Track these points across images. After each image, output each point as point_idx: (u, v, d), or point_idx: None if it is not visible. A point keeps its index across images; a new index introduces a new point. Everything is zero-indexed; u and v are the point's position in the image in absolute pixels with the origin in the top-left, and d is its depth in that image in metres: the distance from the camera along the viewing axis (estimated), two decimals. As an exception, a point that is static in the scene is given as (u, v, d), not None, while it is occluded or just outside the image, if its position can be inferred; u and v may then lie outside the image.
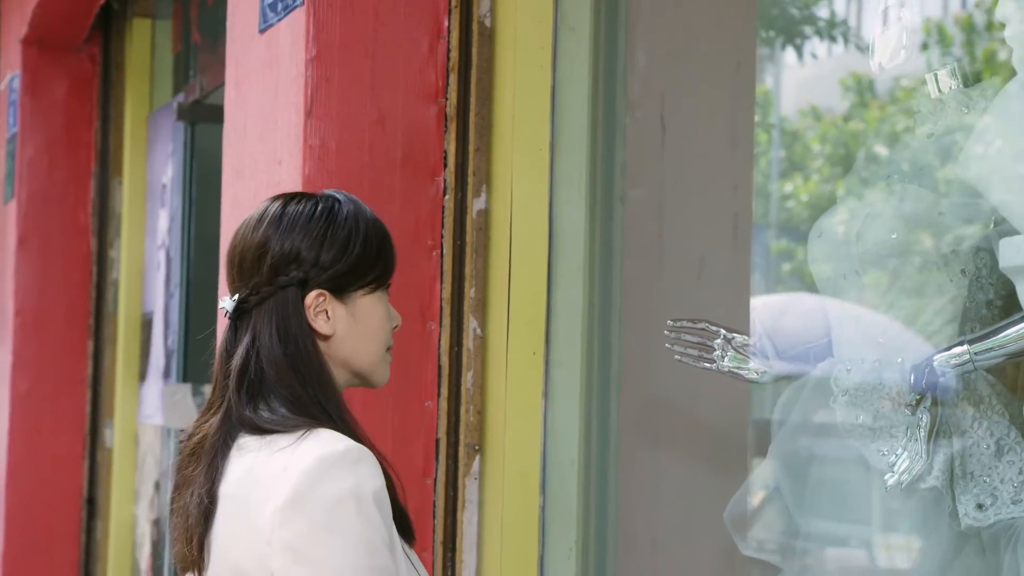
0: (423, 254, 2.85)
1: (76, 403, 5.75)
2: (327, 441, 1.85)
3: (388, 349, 2.01)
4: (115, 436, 5.72)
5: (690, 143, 2.90)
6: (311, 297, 1.94)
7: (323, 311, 1.95)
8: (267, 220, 1.97)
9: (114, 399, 5.72)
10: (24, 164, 5.65)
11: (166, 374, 5.34)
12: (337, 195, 1.99)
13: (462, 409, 2.84)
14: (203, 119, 5.16)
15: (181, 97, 5.22)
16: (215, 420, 1.92)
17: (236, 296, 1.97)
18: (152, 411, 5.47)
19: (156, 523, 5.39)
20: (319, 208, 1.96)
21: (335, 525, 1.79)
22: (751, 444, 2.88)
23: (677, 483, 2.88)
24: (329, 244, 1.94)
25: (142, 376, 5.63)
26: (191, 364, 5.27)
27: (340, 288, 1.95)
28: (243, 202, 3.10)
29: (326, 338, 1.95)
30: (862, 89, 12.77)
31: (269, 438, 1.87)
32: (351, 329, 1.95)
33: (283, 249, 1.94)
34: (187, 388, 5.06)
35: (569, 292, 2.78)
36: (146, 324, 5.61)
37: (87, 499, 5.78)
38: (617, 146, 2.82)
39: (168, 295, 5.35)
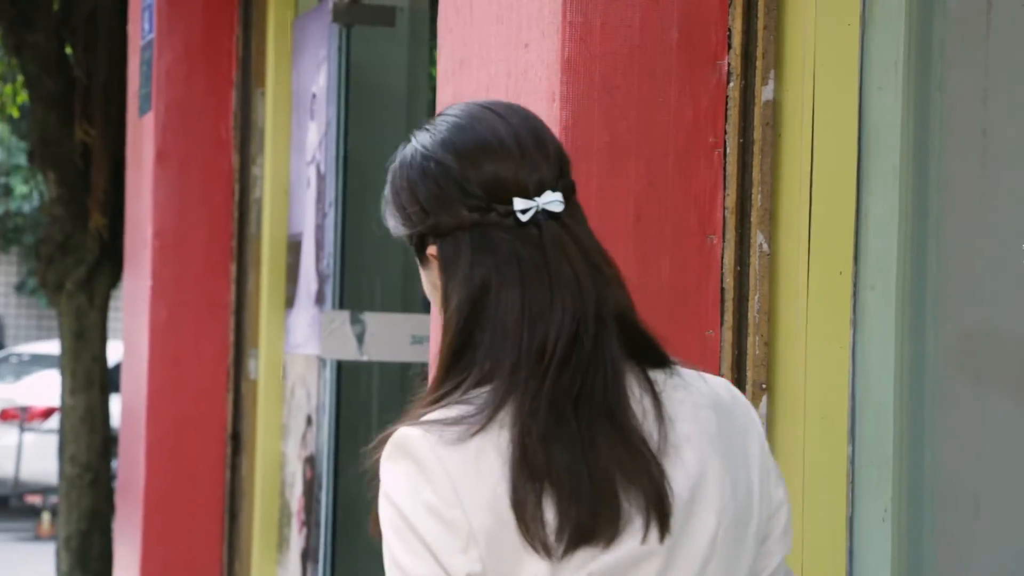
0: (703, 154, 2.38)
1: (219, 331, 5.39)
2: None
3: None
4: (260, 366, 5.37)
5: (1023, 15, 2.39)
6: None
7: None
8: (523, 113, 1.56)
9: (259, 327, 5.35)
10: (161, 74, 5.25)
11: (319, 300, 4.93)
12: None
13: (748, 340, 2.37)
14: (361, 21, 4.72)
15: (334, -2, 4.77)
16: (612, 349, 1.49)
17: (556, 191, 1.51)
18: (302, 340, 5.08)
19: (310, 461, 5.01)
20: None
21: None
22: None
23: (1007, 429, 2.39)
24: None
25: (289, 302, 5.25)
26: (348, 289, 4.87)
27: None
28: (467, 96, 2.63)
29: None
30: None
31: (665, 370, 1.54)
32: None
33: (561, 148, 1.55)
34: (345, 315, 4.66)
35: (883, 198, 2.30)
36: (293, 246, 5.23)
37: (231, 434, 5.42)
38: (936, 20, 2.31)
39: (321, 215, 4.94)
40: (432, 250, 1.51)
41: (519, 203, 1.48)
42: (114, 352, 9.91)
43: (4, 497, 13.22)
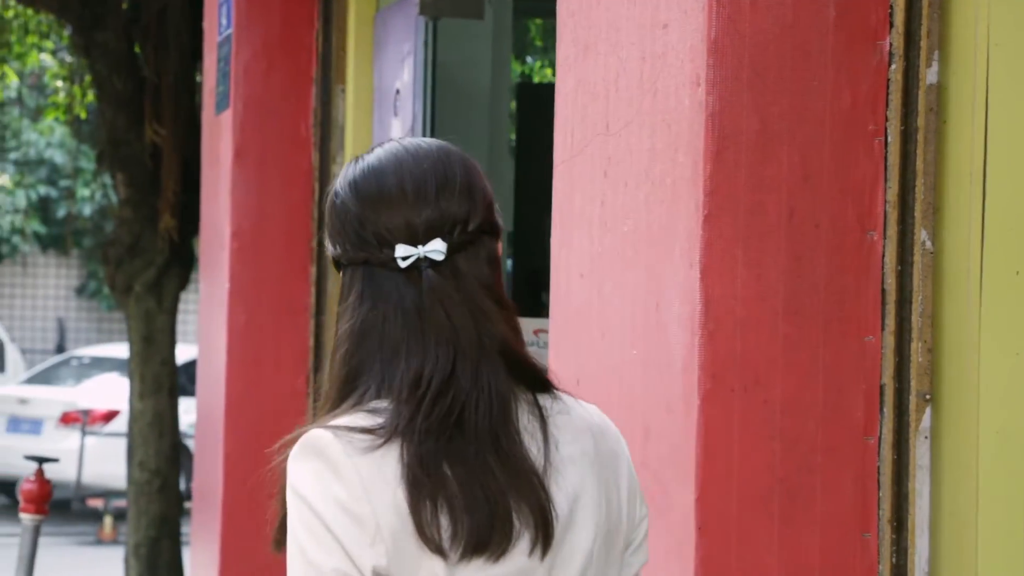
0: (862, 143, 2.18)
1: (298, 335, 5.24)
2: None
3: None
4: (339, 372, 5.19)
5: None
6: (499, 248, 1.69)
7: None
8: (457, 154, 1.66)
9: (339, 331, 5.18)
10: (239, 69, 5.10)
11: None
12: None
13: (912, 346, 2.17)
14: (449, 13, 4.55)
15: (421, -10, 4.59)
16: (496, 380, 1.61)
17: (446, 239, 1.61)
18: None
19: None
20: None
21: None
22: None
23: None
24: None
25: (369, 306, 5.08)
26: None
27: None
28: (591, 85, 2.45)
29: None
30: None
31: (550, 395, 1.65)
32: None
33: (489, 191, 1.66)
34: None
35: (1064, 191, 2.09)
36: (374, 248, 5.06)
37: (311, 440, 5.26)
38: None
39: (405, 215, 4.77)
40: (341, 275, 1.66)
41: (400, 250, 1.60)
42: (180, 354, 9.81)
43: (66, 500, 13.17)
